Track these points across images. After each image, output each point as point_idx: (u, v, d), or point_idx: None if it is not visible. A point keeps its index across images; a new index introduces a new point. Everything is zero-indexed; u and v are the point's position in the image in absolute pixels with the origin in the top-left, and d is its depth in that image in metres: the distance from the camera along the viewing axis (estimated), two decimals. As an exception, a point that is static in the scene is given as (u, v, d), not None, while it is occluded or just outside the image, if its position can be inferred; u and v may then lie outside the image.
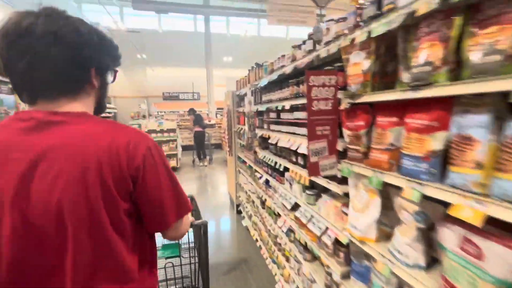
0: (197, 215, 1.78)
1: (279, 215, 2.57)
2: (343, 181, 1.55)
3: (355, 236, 1.39)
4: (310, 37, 1.80)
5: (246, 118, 2.83)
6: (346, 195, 1.53)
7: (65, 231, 0.65)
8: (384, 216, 1.32)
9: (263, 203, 3.06)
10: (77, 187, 0.65)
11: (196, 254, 1.51)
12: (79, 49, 0.70)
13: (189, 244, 1.65)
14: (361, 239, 1.36)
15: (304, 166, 2.01)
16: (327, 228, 1.70)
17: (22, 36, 0.65)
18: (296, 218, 2.13)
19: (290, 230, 2.31)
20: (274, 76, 2.38)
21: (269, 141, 2.55)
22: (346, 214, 1.56)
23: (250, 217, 3.73)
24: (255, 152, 3.10)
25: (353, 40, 1.32)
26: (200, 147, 8.50)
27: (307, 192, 1.98)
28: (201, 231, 1.32)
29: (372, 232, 1.33)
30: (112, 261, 0.71)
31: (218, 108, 14.17)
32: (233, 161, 4.41)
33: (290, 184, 2.26)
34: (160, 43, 14.39)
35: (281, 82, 2.36)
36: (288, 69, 2.09)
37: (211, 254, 1.60)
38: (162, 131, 8.10)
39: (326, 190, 1.86)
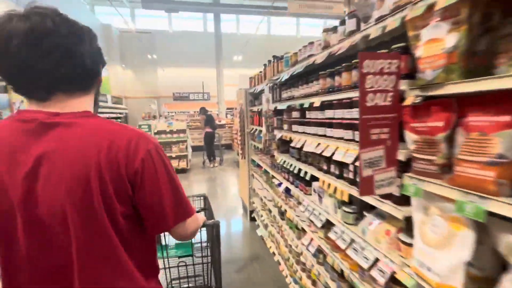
0: (210, 214, 1.73)
1: (303, 231, 2.18)
2: (402, 200, 1.15)
3: (429, 281, 0.99)
4: (351, 15, 1.40)
5: (263, 118, 2.46)
6: (406, 218, 1.13)
7: (68, 232, 0.66)
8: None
9: (282, 213, 2.67)
10: (78, 190, 0.65)
11: (208, 254, 1.48)
12: (92, 45, 0.73)
13: (201, 244, 1.61)
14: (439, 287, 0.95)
15: (340, 177, 1.61)
16: (377, 260, 1.30)
17: (49, 35, 0.64)
18: (328, 238, 1.74)
19: (319, 251, 1.91)
20: (299, 68, 1.99)
21: (291, 144, 2.16)
22: (405, 244, 1.16)
23: (266, 226, 3.35)
24: (272, 156, 2.70)
25: (431, 6, 0.91)
26: (210, 148, 8.17)
27: (345, 209, 1.58)
28: (213, 231, 1.29)
29: (457, 279, 0.92)
30: (114, 262, 0.71)
31: (228, 108, 13.86)
32: (246, 164, 4.04)
33: (320, 196, 1.87)
34: (171, 44, 14.18)
35: (307, 75, 1.96)
36: (319, 58, 1.69)
37: (223, 265, 1.50)
38: (171, 131, 7.80)
39: (368, 207, 1.46)
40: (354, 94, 1.41)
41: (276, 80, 2.46)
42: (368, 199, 1.31)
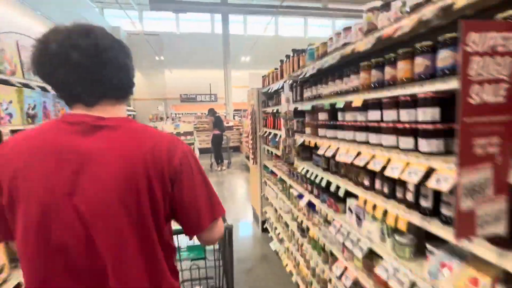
0: (222, 218, 1.56)
1: (332, 255, 1.80)
2: (505, 241, 0.77)
3: None
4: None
5: (282, 121, 2.10)
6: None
7: (111, 228, 0.66)
8: None
9: (303, 230, 2.29)
10: (126, 186, 0.65)
11: (220, 257, 1.48)
12: (129, 58, 0.78)
13: (213, 247, 1.57)
14: None
15: (391, 196, 1.23)
16: (459, 320, 0.91)
17: (107, 50, 0.70)
18: (372, 272, 1.36)
19: (356, 284, 1.53)
20: (330, 60, 1.62)
21: (319, 152, 1.78)
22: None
23: (281, 241, 2.97)
24: (291, 164, 2.33)
25: None
26: (218, 151, 7.84)
27: (398, 239, 1.20)
28: (226, 235, 1.27)
29: None
30: (154, 261, 0.71)
31: (235, 110, 13.54)
32: (258, 170, 3.67)
33: (358, 218, 1.49)
34: (178, 45, 13.95)
35: (340, 69, 1.60)
36: (360, 46, 1.32)
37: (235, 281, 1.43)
38: (178, 134, 7.49)
39: (431, 237, 1.08)
40: (418, 90, 1.04)
41: (298, 76, 2.09)
42: (445, 233, 0.93)
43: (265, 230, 3.68)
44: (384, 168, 1.17)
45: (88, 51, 0.66)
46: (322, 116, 1.81)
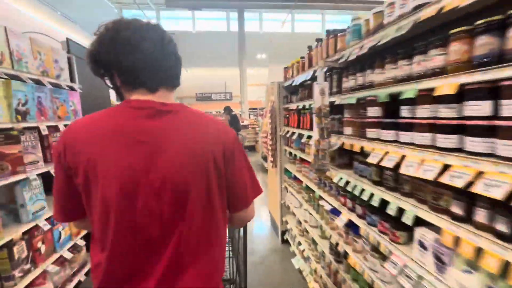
0: None
1: (385, 297, 1.32)
2: None
3: None
4: None
5: (315, 118, 1.63)
6: None
7: (183, 202, 0.70)
8: None
9: (338, 254, 1.82)
10: (196, 161, 0.70)
11: (230, 248, 1.47)
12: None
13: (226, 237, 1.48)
14: None
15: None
16: None
17: (170, 43, 0.77)
18: None
19: None
20: (392, 33, 1.13)
21: (369, 159, 1.30)
22: None
23: (306, 259, 2.50)
24: (322, 171, 1.85)
25: None
26: (233, 151, 7.43)
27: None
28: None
29: None
30: (215, 234, 0.76)
31: (250, 108, 13.13)
32: (278, 174, 3.21)
33: (439, 260, 1.00)
34: (194, 44, 13.69)
35: (410, 43, 1.11)
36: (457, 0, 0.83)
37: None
38: (193, 132, 7.15)
39: None
40: None
41: (337, 61, 1.60)
42: None
43: (285, 241, 3.22)
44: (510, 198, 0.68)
45: (156, 42, 0.73)
46: (374, 112, 1.32)
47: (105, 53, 0.71)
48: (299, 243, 2.66)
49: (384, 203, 1.25)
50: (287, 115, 2.93)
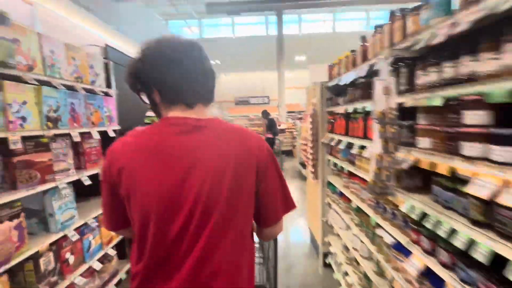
0: None
1: None
2: None
3: None
4: None
5: (377, 126, 1.20)
6: None
7: (220, 214, 0.71)
8: None
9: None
10: (232, 177, 0.72)
11: (260, 254, 1.41)
12: None
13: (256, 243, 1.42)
14: None
15: None
16: None
17: (206, 60, 0.80)
18: None
19: None
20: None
21: (468, 189, 0.85)
22: None
23: (355, 295, 2.03)
24: (383, 195, 1.39)
25: None
26: (270, 155, 7.10)
27: None
28: None
29: None
30: (244, 247, 0.78)
31: (288, 112, 12.71)
32: (319, 188, 2.78)
33: None
34: (233, 49, 13.80)
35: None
36: None
37: None
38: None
39: None
40: None
41: (409, 48, 1.17)
42: None
43: (327, 265, 2.77)
44: None
45: (196, 59, 0.76)
46: (477, 118, 0.87)
47: (148, 70, 0.75)
48: (346, 273, 2.20)
49: (501, 259, 0.79)
50: (332, 120, 2.49)
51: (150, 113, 3.62)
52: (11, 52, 1.61)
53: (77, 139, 2.16)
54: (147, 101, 0.80)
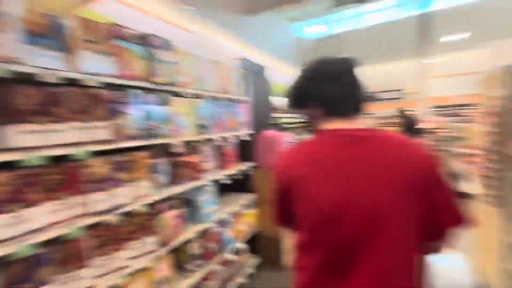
0: None
1: None
2: None
3: None
4: None
5: None
6: None
7: (380, 226, 0.74)
8: None
9: None
10: (398, 189, 0.74)
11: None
12: None
13: None
14: None
15: None
16: None
17: (356, 73, 0.88)
18: None
19: None
20: None
21: None
22: None
23: None
24: None
25: None
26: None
27: None
28: None
29: None
30: (411, 259, 0.77)
31: (436, 107, 10.09)
32: (501, 219, 1.89)
33: None
34: (360, 42, 12.47)
35: None
36: None
37: None
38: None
39: None
40: None
41: None
42: None
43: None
44: None
45: (350, 74, 0.86)
46: None
47: (314, 88, 0.86)
48: None
49: None
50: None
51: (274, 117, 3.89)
52: (175, 73, 1.97)
53: (219, 142, 2.46)
54: (306, 115, 0.92)
